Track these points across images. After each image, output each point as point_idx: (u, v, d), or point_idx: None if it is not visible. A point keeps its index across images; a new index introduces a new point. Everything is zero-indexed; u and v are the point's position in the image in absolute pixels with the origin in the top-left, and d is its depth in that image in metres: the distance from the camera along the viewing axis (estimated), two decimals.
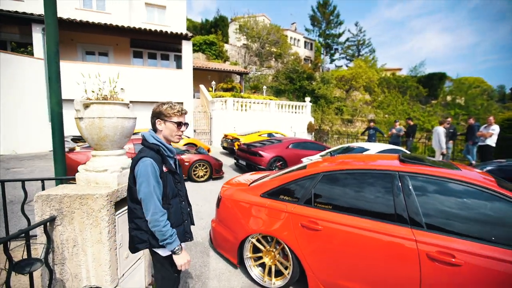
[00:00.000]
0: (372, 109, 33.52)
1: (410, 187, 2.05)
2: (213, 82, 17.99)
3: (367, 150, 6.24)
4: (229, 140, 11.24)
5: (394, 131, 11.04)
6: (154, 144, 1.56)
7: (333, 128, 25.71)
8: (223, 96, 15.14)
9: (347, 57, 46.71)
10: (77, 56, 13.19)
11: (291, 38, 41.90)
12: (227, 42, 33.92)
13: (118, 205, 1.86)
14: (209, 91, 17.10)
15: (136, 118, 2.08)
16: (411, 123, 10.46)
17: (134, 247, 1.57)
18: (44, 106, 10.53)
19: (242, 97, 15.72)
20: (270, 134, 11.76)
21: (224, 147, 11.76)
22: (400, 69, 48.83)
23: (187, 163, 6.67)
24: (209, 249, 3.35)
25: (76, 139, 8.53)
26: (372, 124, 12.08)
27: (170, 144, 1.69)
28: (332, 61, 47.90)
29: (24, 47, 10.88)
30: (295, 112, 16.28)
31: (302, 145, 8.67)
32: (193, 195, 5.69)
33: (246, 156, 8.15)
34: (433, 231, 1.87)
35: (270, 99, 16.52)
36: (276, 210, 2.56)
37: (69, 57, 12.74)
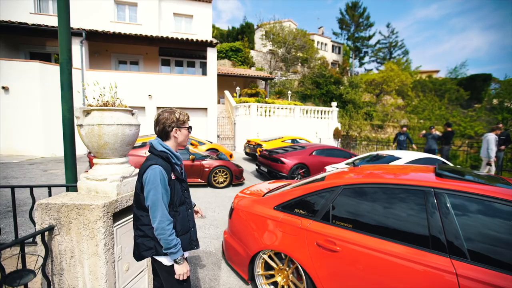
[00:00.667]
0: (405, 114, 31.57)
1: (448, 207, 1.71)
2: (238, 88, 18.14)
3: (398, 158, 5.72)
4: (252, 146, 11.13)
5: (421, 135, 10.18)
6: (163, 151, 1.56)
7: (362, 134, 24.56)
8: (247, 102, 15.15)
9: (378, 60, 44.90)
10: (111, 66, 14.04)
11: (318, 42, 41.29)
12: (253, 48, 34.29)
13: (117, 216, 1.77)
14: (233, 96, 17.24)
15: (139, 125, 2.00)
16: (449, 129, 9.52)
17: (139, 255, 1.55)
18: None
19: (266, 102, 15.61)
20: (294, 140, 11.46)
21: (246, 153, 11.68)
22: (437, 71, 45.75)
23: (207, 169, 6.64)
24: (221, 261, 3.19)
25: None
26: (404, 129, 11.26)
27: (177, 152, 1.68)
28: (361, 64, 46.32)
29: None
30: (321, 118, 15.77)
31: (326, 152, 8.27)
32: (211, 202, 5.60)
33: (267, 162, 7.95)
34: (479, 263, 1.52)
35: (295, 104, 16.20)
36: (290, 225, 2.32)
37: (104, 66, 13.61)
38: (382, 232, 1.88)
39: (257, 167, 8.69)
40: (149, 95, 12.37)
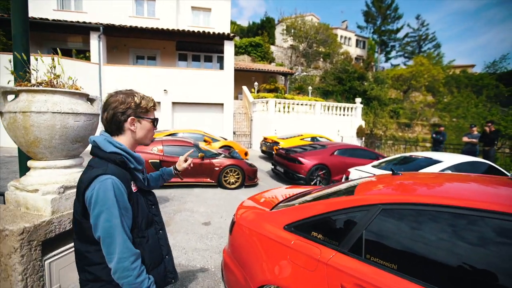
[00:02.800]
0: (436, 112, 29.29)
1: None
2: (256, 83, 17.54)
3: (437, 162, 4.84)
4: (269, 143, 10.51)
5: (466, 138, 8.97)
6: (115, 153, 1.09)
7: (387, 133, 23.02)
8: (265, 97, 14.51)
9: (405, 55, 42.23)
10: (129, 61, 14.00)
11: (341, 36, 39.60)
12: (273, 43, 33.47)
13: (53, 243, 1.25)
14: (251, 92, 16.68)
15: (98, 114, 1.46)
16: (493, 128, 8.28)
17: None
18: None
19: (285, 98, 14.86)
20: (313, 138, 10.69)
21: (263, 151, 11.08)
22: (472, 66, 42.22)
23: (217, 168, 6.12)
24: (220, 284, 2.63)
25: None
26: (442, 128, 10.09)
27: (135, 151, 1.20)
28: (387, 59, 43.87)
29: (83, 54, 11.84)
30: (344, 115, 14.76)
31: (349, 152, 7.46)
32: (219, 205, 5.07)
33: (284, 162, 7.30)
34: None
35: (316, 100, 15.31)
36: (304, 255, 1.70)
37: (122, 61, 13.58)
38: (445, 281, 1.21)
39: (272, 167, 8.08)
40: (165, 90, 12.12)
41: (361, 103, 15.41)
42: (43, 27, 11.18)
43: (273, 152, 9.94)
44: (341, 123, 14.51)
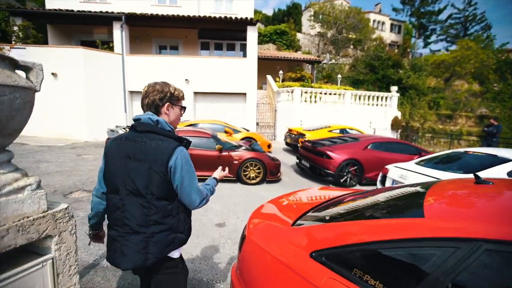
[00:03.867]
0: (484, 102, 26.18)
1: None
2: (280, 72, 16.69)
3: (506, 161, 3.87)
4: (294, 135, 9.82)
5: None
6: (171, 131, 1.36)
7: (425, 125, 21.00)
8: (290, 86, 13.70)
9: (448, 39, 38.23)
10: (152, 50, 13.92)
11: (374, 21, 36.89)
12: (299, 31, 32.04)
13: None
14: (276, 81, 15.91)
15: (35, 89, 0.96)
16: None
17: (156, 253, 1.27)
18: (121, 96, 11.32)
19: (312, 87, 13.91)
20: (343, 130, 9.80)
21: (287, 143, 10.42)
22: None
23: (236, 161, 5.62)
24: None
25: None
26: (493, 121, 8.68)
27: None
28: (426, 45, 40.22)
29: (107, 45, 11.89)
30: (377, 105, 13.49)
31: (386, 146, 6.56)
32: (237, 202, 4.58)
33: (310, 156, 6.61)
34: None
35: (345, 89, 14.16)
36: None
37: (145, 51, 13.52)
38: None
39: (297, 161, 7.42)
40: (186, 80, 11.84)
41: (397, 91, 13.97)
42: (68, 19, 11.34)
43: (298, 145, 9.27)
44: (373, 114, 13.29)
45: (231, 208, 4.30)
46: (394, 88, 13.96)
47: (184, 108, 1.48)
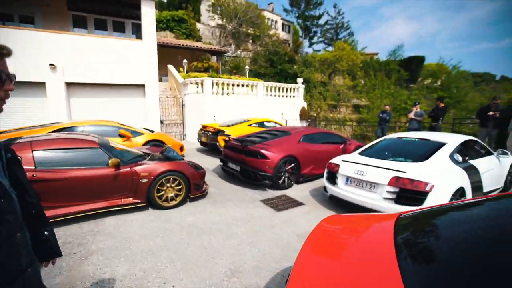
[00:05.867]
0: (355, 94, 32.01)
1: None
2: (185, 61, 14.71)
3: (443, 145, 3.86)
4: (209, 133, 8.43)
5: (411, 115, 8.97)
6: None
7: (320, 114, 23.71)
8: (197, 77, 12.09)
9: (325, 41, 44.73)
10: None
11: (268, 19, 39.00)
12: (198, 20, 30.17)
13: None
14: (179, 72, 13.88)
15: None
16: (442, 104, 8.39)
17: None
18: None
19: (221, 78, 12.76)
20: (261, 124, 9.13)
21: (202, 143, 8.93)
22: (376, 54, 48.14)
23: (145, 180, 3.83)
24: None
25: None
26: (387, 107, 9.94)
27: None
28: (311, 44, 45.76)
29: None
30: (287, 96, 13.70)
31: (316, 138, 6.16)
32: (156, 249, 2.91)
33: (239, 157, 5.47)
34: None
35: (258, 81, 13.75)
36: None
37: None
38: None
39: (221, 164, 6.15)
40: (51, 65, 8.39)
41: (302, 83, 14.64)
42: None
43: (217, 144, 7.98)
44: (284, 105, 13.43)
45: (150, 264, 2.63)
46: (300, 80, 14.56)
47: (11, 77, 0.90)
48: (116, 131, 6.41)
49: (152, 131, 7.61)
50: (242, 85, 12.09)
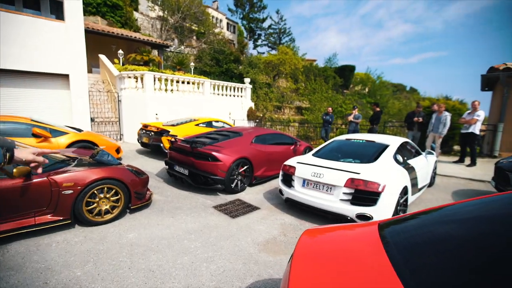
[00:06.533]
0: (298, 97, 33.87)
1: None
2: (120, 52, 13.08)
3: (387, 146, 4.16)
4: (152, 133, 7.60)
5: (351, 118, 9.77)
6: None
7: (266, 115, 24.24)
8: (136, 70, 10.86)
9: (269, 45, 46.27)
10: None
11: (213, 17, 38.26)
12: (136, 9, 27.56)
13: None
14: (114, 63, 12.29)
15: None
16: (377, 109, 9.31)
17: None
18: None
19: (163, 73, 11.78)
20: (209, 124, 8.68)
21: (143, 144, 8.01)
22: (315, 60, 52.07)
23: (69, 191, 3.07)
24: None
25: None
26: (329, 109, 10.59)
27: None
28: (255, 46, 46.70)
29: None
30: (235, 96, 13.46)
31: (268, 139, 6.07)
32: (77, 272, 2.29)
33: (188, 160, 4.98)
34: None
35: (204, 78, 13.13)
36: None
37: None
38: None
39: (167, 167, 5.53)
40: None
41: (250, 83, 14.61)
42: None
43: (161, 145, 7.24)
44: (232, 105, 13.16)
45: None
46: (247, 80, 14.50)
47: None
48: (28, 129, 5.16)
49: (79, 130, 6.42)
50: (188, 82, 11.36)
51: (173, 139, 5.61)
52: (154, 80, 10.07)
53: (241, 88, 13.83)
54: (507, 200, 1.38)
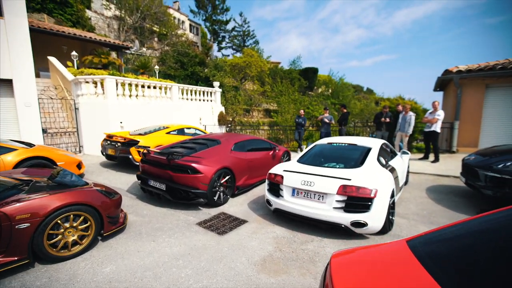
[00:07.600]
0: (265, 99, 34.18)
1: None
2: (74, 53, 11.81)
3: (370, 149, 4.23)
4: (118, 144, 6.92)
5: (325, 119, 10.02)
6: None
7: (236, 119, 23.98)
8: (94, 75, 9.87)
9: (234, 47, 46.12)
10: None
11: (175, 18, 36.96)
12: (89, 7, 25.42)
13: None
14: (68, 66, 11.08)
15: None
16: (345, 110, 9.64)
17: None
18: None
19: (125, 77, 10.92)
20: (181, 131, 8.21)
21: (108, 156, 7.26)
22: (279, 63, 53.21)
23: (25, 224, 2.54)
24: None
25: None
26: (302, 112, 10.73)
27: None
28: (220, 49, 46.18)
29: None
30: (205, 100, 13.00)
31: (246, 145, 5.87)
32: None
33: (164, 173, 4.57)
34: None
35: (171, 83, 12.46)
36: None
37: None
38: None
39: (140, 182, 5.03)
40: None
41: (219, 87, 14.26)
42: None
43: (130, 157, 6.62)
44: (202, 110, 12.69)
45: None
46: (216, 84, 14.12)
47: None
48: None
49: (30, 145, 5.56)
50: (154, 87, 10.66)
51: (145, 151, 5.12)
52: (117, 85, 9.24)
53: (211, 92, 13.43)
54: None
